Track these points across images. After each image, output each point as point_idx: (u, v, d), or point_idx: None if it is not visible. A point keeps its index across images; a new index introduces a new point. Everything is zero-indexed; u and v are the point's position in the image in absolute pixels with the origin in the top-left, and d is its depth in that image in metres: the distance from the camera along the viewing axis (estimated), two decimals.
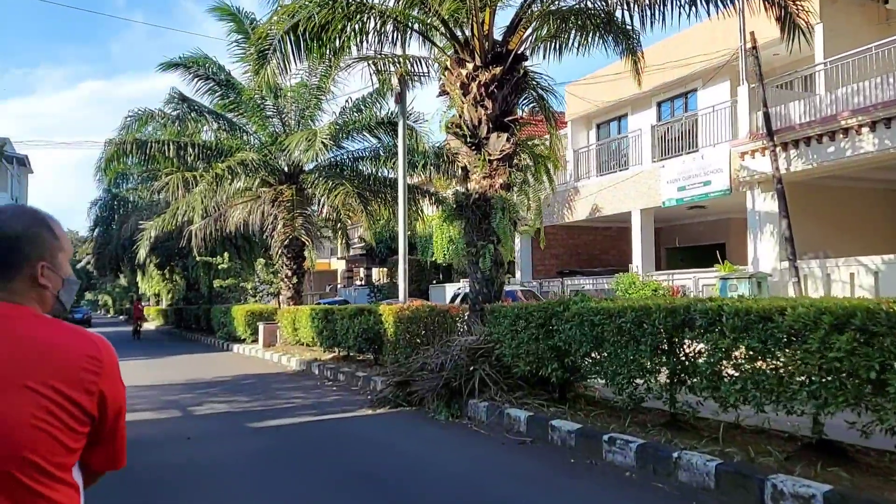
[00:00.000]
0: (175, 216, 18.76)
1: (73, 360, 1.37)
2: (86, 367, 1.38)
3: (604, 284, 17.92)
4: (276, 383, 12.95)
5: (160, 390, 12.52)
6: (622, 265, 21.69)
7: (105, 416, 1.43)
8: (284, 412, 9.63)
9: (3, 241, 1.43)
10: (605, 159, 19.86)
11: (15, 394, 1.29)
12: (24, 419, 1.28)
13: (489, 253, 9.13)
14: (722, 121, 16.41)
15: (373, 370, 12.33)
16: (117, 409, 1.48)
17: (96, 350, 1.42)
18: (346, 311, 13.19)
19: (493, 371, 8.32)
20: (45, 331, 1.39)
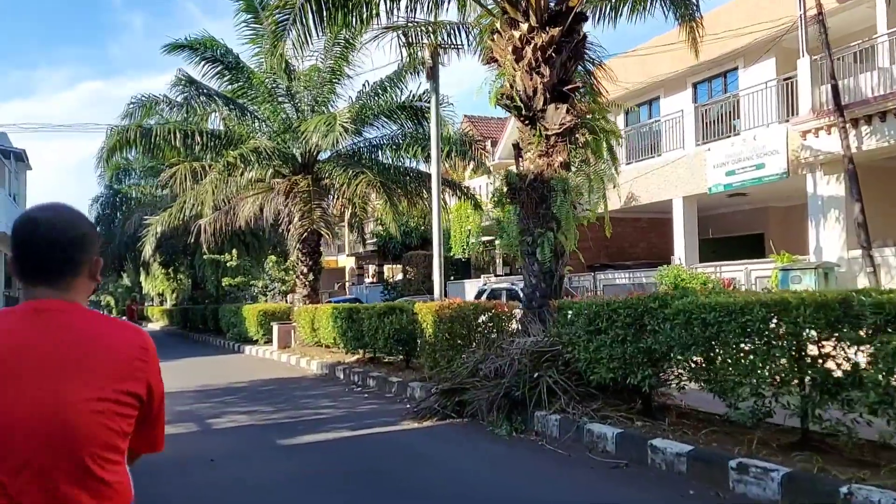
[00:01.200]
0: (182, 210, 17.61)
1: (125, 351, 1.49)
2: (137, 356, 1.50)
3: (641, 279, 16.75)
4: (299, 390, 11.80)
5: (171, 398, 11.36)
6: (654, 258, 20.51)
7: (151, 402, 1.56)
8: (316, 425, 8.48)
9: (78, 238, 1.54)
10: (639, 144, 18.66)
11: (79, 386, 1.39)
12: (88, 408, 1.38)
13: (548, 242, 7.97)
14: (769, 99, 15.22)
15: (406, 375, 11.18)
16: (160, 394, 1.60)
17: (143, 341, 1.55)
18: (374, 310, 12.03)
19: (561, 378, 7.16)
20: (98, 325, 1.49)
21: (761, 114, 15.20)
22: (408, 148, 16.49)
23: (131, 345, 1.50)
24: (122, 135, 16.07)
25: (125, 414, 1.45)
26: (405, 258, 27.56)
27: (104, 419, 1.40)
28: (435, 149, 11.80)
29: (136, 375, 1.48)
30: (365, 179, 14.74)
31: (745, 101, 15.80)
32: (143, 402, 1.51)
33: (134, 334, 1.54)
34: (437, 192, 11.57)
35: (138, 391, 1.48)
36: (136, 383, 1.48)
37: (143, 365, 1.51)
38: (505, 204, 8.57)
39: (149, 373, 1.53)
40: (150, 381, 1.53)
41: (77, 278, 1.53)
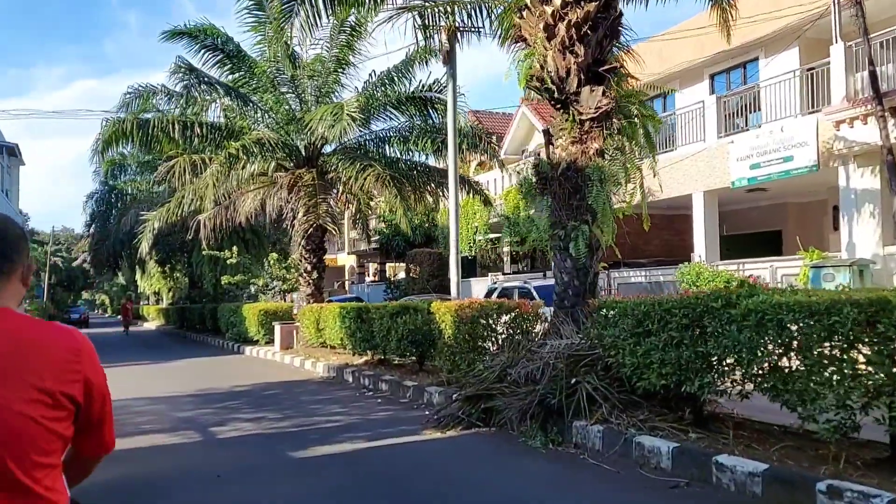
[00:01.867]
0: (181, 205, 16.91)
1: (56, 353, 1.45)
2: (69, 358, 1.47)
3: (658, 277, 16.12)
4: (306, 394, 11.14)
5: (170, 404, 10.72)
6: (669, 255, 19.90)
7: (91, 402, 1.51)
8: (329, 434, 7.83)
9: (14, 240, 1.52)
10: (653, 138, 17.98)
11: (9, 388, 1.35)
12: (17, 410, 1.35)
13: (582, 235, 7.33)
14: (793, 89, 14.60)
15: (421, 378, 10.52)
16: (102, 394, 1.55)
17: (75, 342, 1.50)
18: (386, 310, 11.37)
19: (602, 384, 6.52)
20: (28, 328, 1.46)
21: (786, 105, 14.57)
22: (416, 141, 15.81)
23: (63, 347, 1.49)
24: (119, 126, 15.35)
25: (57, 417, 1.43)
26: (409, 256, 26.89)
27: (32, 422, 1.38)
28: (452, 138, 11.14)
29: (69, 377, 1.47)
30: (373, 173, 14.06)
31: (770, 91, 15.17)
32: (79, 404, 1.49)
33: (67, 337, 1.51)
34: (455, 186, 10.92)
35: (72, 393, 1.47)
36: (70, 385, 1.46)
37: (76, 366, 1.49)
38: (534, 195, 7.91)
39: (85, 374, 1.51)
40: (86, 382, 1.51)
41: (9, 281, 1.52)
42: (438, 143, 15.80)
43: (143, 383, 13.51)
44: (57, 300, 56.89)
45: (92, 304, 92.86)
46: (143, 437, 8.12)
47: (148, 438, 8.04)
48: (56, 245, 56.58)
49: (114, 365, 17.33)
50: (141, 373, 15.65)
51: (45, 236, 54.10)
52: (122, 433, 8.80)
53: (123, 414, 9.83)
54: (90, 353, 1.54)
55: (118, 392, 11.70)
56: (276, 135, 15.31)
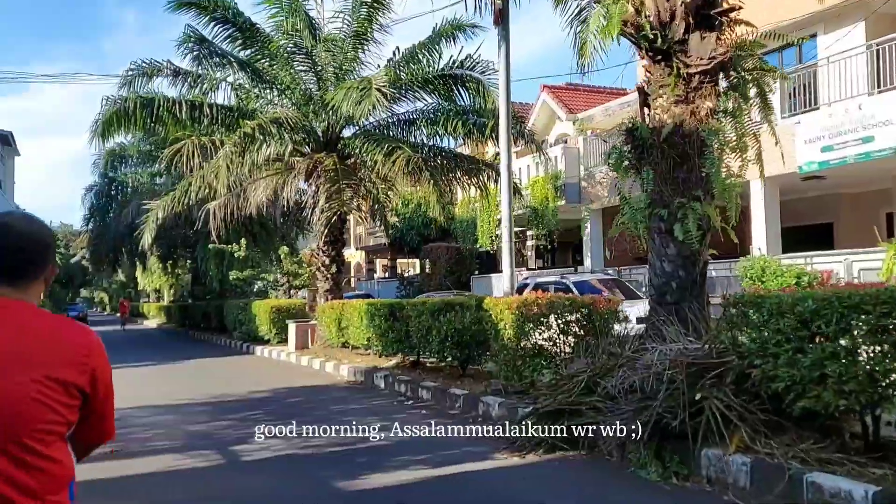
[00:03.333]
0: (187, 193, 15.50)
1: (68, 346, 1.62)
2: (79, 350, 1.63)
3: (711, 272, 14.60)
4: (335, 402, 9.76)
5: (181, 414, 9.34)
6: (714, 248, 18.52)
7: (97, 393, 1.66)
8: (379, 457, 6.46)
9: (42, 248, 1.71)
10: None
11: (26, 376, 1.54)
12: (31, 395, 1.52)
13: (693, 215, 5.94)
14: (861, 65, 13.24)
15: (470, 386, 9.15)
16: (106, 386, 1.70)
17: (86, 336, 1.68)
18: (426, 307, 9.99)
19: (738, 402, 5.14)
20: (46, 322, 1.64)
21: (853, 83, 13.21)
22: (445, 123, 14.40)
23: (77, 342, 1.64)
24: (121, 105, 13.96)
25: (67, 403, 1.57)
26: (425, 251, 25.50)
27: (44, 405, 1.53)
28: (504, 110, 9.72)
29: (80, 369, 1.60)
30: (403, 156, 12.63)
31: (833, 69, 13.80)
32: (86, 394, 1.62)
33: (77, 330, 1.67)
34: (508, 161, 9.53)
35: (81, 384, 1.60)
36: (80, 376, 1.60)
37: (86, 360, 1.62)
38: (628, 168, 6.53)
39: (93, 367, 1.64)
40: (94, 375, 1.64)
41: (35, 282, 1.70)
42: (470, 125, 14.41)
43: (147, 388, 12.13)
44: (55, 298, 55.46)
45: (90, 301, 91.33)
46: (152, 459, 6.76)
47: (158, 460, 6.67)
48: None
49: (114, 366, 15.93)
50: (144, 376, 14.27)
51: None
52: (127, 453, 7.43)
53: (126, 427, 8.44)
54: (100, 349, 1.69)
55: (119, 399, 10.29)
56: (295, 114, 13.87)
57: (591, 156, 18.68)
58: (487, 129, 14.06)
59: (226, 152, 12.22)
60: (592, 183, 18.66)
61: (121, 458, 6.85)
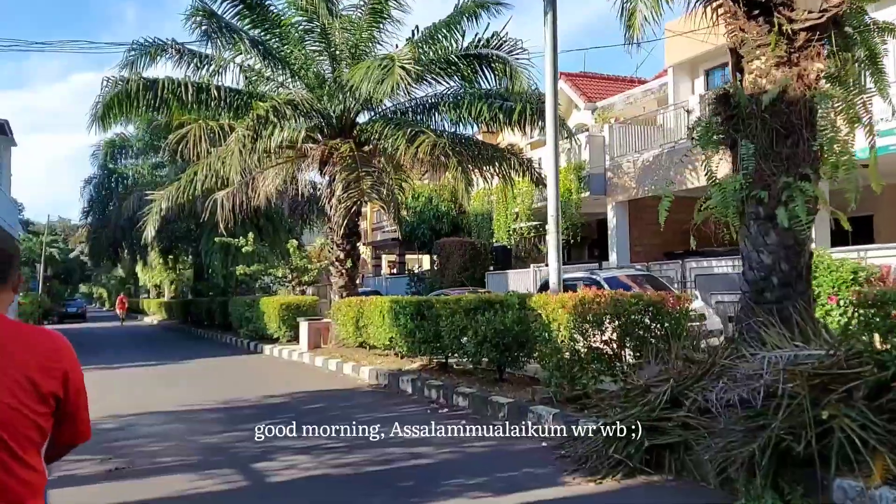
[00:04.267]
0: (192, 183, 14.55)
1: (42, 354, 1.63)
2: (51, 356, 1.65)
3: None
4: (362, 409, 8.84)
5: (190, 422, 8.44)
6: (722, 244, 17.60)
7: (68, 396, 1.67)
8: (427, 479, 5.56)
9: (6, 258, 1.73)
10: None
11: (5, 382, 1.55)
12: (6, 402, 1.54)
13: (800, 196, 5.03)
14: None
15: (514, 392, 8.25)
16: (77, 388, 1.71)
17: (55, 343, 1.69)
18: (459, 305, 9.06)
19: (878, 421, 4.23)
20: (16, 330, 1.64)
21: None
22: (469, 107, 13.45)
23: (48, 347, 1.66)
24: (122, 87, 13.01)
25: (40, 411, 1.60)
26: (438, 246, 24.56)
27: (19, 413, 1.55)
28: (550, 85, 8.76)
29: (52, 374, 1.62)
30: (428, 141, 11.66)
31: None
32: (59, 398, 1.65)
33: (47, 337, 1.69)
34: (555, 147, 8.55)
35: (55, 389, 1.63)
36: (53, 381, 1.62)
37: (58, 364, 1.65)
38: (717, 142, 5.62)
39: (65, 370, 1.66)
40: (65, 378, 1.66)
41: (4, 292, 1.71)
42: (496, 109, 13.46)
43: (151, 391, 11.22)
44: (53, 293, 54.53)
45: (89, 297, 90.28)
46: (162, 480, 5.85)
47: (169, 481, 5.76)
48: (52, 235, 54.14)
49: (115, 366, 15.05)
50: (147, 377, 13.36)
51: (41, 227, 51.67)
52: (135, 472, 6.42)
53: (133, 439, 7.54)
54: (69, 352, 1.70)
55: (122, 404, 9.27)
56: (310, 96, 12.90)
57: (618, 145, 17.75)
58: (515, 112, 13.13)
59: (238, 136, 11.26)
60: (619, 174, 17.72)
61: (127, 477, 5.95)
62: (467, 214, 26.29)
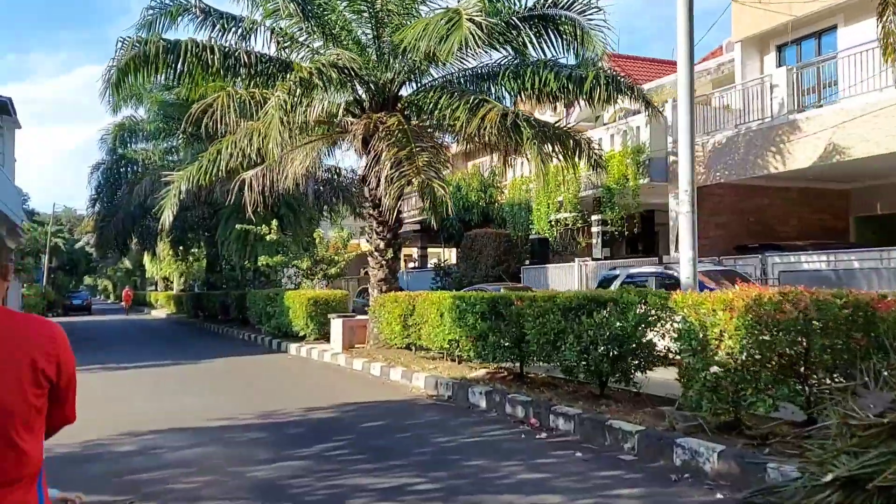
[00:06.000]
0: (216, 163, 12.91)
1: (36, 339, 1.72)
2: (47, 342, 1.73)
3: (853, 263, 12.07)
4: (434, 431, 7.21)
5: (226, 444, 6.83)
6: (810, 238, 15.96)
7: (60, 381, 1.75)
8: None
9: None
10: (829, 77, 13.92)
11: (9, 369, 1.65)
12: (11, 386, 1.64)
13: None
14: None
15: (625, 412, 6.61)
16: (69, 376, 1.79)
17: (51, 330, 1.77)
18: (554, 302, 7.39)
19: None
20: (12, 319, 1.73)
21: None
22: (533, 76, 11.73)
23: (44, 334, 1.74)
24: (139, 49, 11.36)
25: (38, 393, 1.68)
26: (468, 238, 22.89)
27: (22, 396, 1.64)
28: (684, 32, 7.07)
29: (47, 359, 1.70)
30: (496, 110, 9.97)
31: None
32: (52, 382, 1.72)
33: (43, 325, 1.77)
34: (689, 93, 6.85)
35: (49, 373, 1.70)
36: (48, 366, 1.70)
37: (51, 350, 1.73)
38: None
39: (58, 356, 1.74)
40: (59, 363, 1.74)
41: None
42: (563, 79, 11.74)
43: (172, 399, 9.63)
44: (58, 285, 53.06)
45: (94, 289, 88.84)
46: None
47: None
48: (58, 225, 52.59)
49: (126, 366, 13.48)
50: (165, 380, 11.76)
51: (46, 217, 50.10)
52: None
53: (156, 469, 5.93)
54: (63, 340, 1.78)
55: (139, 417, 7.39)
56: (359, 57, 11.18)
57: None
58: (587, 82, 11.42)
59: (278, 100, 9.57)
60: None
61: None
62: (500, 204, 24.66)
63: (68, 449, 6.57)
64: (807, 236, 16.33)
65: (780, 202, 17.17)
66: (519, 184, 21.54)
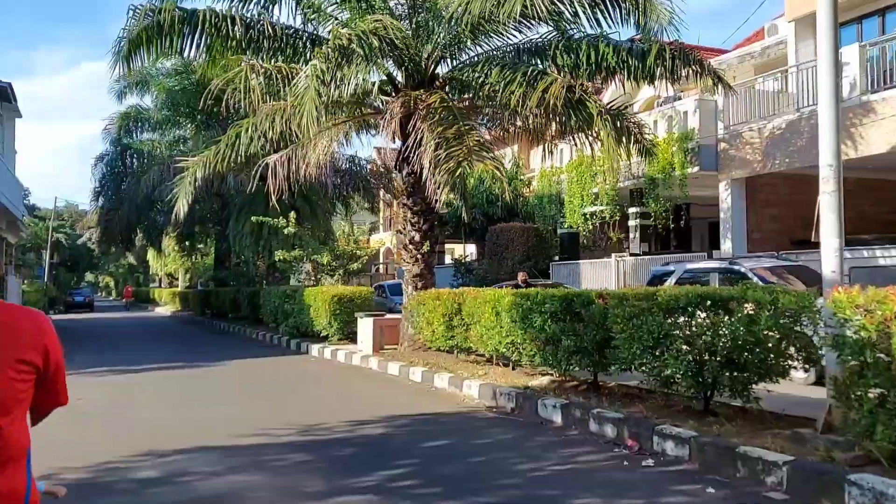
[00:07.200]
0: (235, 147, 11.78)
1: (25, 330, 1.77)
2: (34, 333, 1.78)
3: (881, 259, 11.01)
4: (512, 454, 6.06)
5: (270, 470, 5.68)
6: (871, 232, 14.77)
7: (48, 368, 1.80)
8: None
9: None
10: None
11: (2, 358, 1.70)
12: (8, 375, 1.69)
13: None
14: None
15: (739, 432, 5.47)
16: (56, 364, 1.84)
17: (38, 320, 1.82)
18: (655, 301, 6.21)
19: None
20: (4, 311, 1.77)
21: None
22: (589, 50, 10.55)
23: (30, 325, 1.78)
24: (153, 18, 10.21)
25: (24, 380, 1.73)
26: (493, 232, 21.72)
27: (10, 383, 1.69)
28: None
29: (35, 349, 1.76)
30: (559, 83, 8.78)
31: None
32: (39, 369, 1.77)
33: (31, 316, 1.81)
34: (833, 48, 5.64)
35: (35, 361, 1.75)
36: (35, 355, 1.75)
37: (39, 339, 1.77)
38: None
39: (45, 345, 1.79)
40: (45, 353, 1.78)
41: None
42: (623, 53, 10.59)
43: (195, 408, 8.49)
44: (59, 281, 51.95)
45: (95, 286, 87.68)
46: None
47: None
48: (59, 220, 51.43)
49: (138, 368, 12.33)
50: (183, 385, 10.62)
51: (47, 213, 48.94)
52: None
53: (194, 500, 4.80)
54: (50, 329, 1.82)
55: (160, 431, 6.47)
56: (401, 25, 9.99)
57: (734, 111, 14.86)
58: (650, 56, 10.25)
59: (315, 69, 8.38)
60: (736, 145, 14.83)
61: None
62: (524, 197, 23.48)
63: (77, 475, 5.47)
64: (864, 230, 15.14)
65: None
66: (549, 174, 20.40)
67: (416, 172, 10.88)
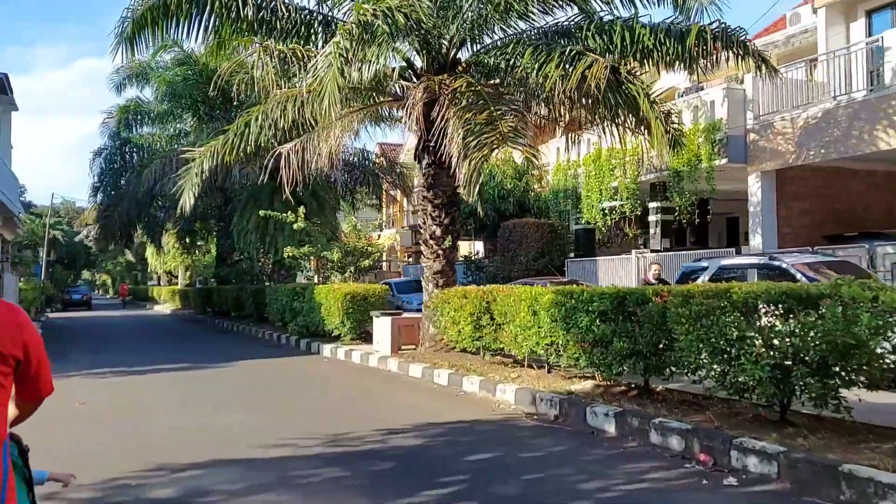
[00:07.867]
0: (244, 136, 11.12)
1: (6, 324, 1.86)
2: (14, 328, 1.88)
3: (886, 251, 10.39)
4: (564, 468, 5.44)
5: (299, 489, 5.05)
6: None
7: (29, 360, 1.92)
8: None
9: None
10: None
11: None
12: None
13: None
14: None
15: (821, 445, 4.85)
16: (37, 355, 1.94)
17: (17, 315, 1.92)
18: (729, 297, 5.55)
19: None
20: None
21: None
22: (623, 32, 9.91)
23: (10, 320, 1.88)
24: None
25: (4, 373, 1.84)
26: (505, 228, 21.06)
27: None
28: None
29: (13, 343, 1.86)
30: (600, 64, 8.05)
31: None
32: (19, 361, 1.89)
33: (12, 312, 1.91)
34: None
35: (16, 354, 1.86)
36: (14, 348, 1.86)
37: (19, 334, 1.88)
38: None
39: (24, 339, 1.89)
40: (25, 346, 1.89)
41: None
42: (661, 35, 9.94)
43: (204, 415, 7.82)
44: (56, 279, 51.17)
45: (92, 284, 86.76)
46: None
47: None
48: (56, 217, 50.61)
49: (142, 370, 11.66)
50: (192, 389, 9.95)
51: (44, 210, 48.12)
52: None
53: None
54: (28, 323, 1.93)
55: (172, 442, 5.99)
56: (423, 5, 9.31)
57: (764, 100, 14.20)
58: (690, 37, 9.61)
59: (337, 48, 7.69)
60: (767, 136, 14.17)
61: None
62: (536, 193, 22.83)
63: (83, 493, 4.82)
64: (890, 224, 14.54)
65: (865, 187, 15.38)
66: (564, 169, 19.75)
67: (437, 163, 10.22)
